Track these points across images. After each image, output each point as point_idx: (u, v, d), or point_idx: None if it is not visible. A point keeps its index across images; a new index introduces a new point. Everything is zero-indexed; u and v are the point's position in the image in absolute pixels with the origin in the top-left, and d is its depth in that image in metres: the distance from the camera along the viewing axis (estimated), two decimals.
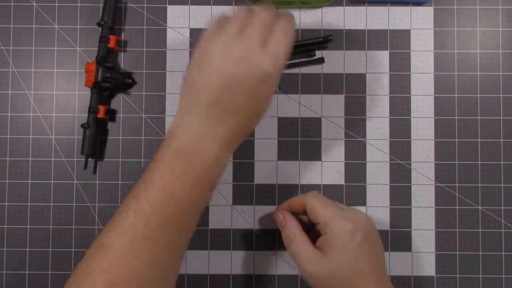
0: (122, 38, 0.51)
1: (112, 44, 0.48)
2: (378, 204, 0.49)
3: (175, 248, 0.35)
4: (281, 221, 0.43)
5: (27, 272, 0.49)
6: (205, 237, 0.49)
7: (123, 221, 0.33)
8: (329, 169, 0.50)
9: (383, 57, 0.50)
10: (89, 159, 0.49)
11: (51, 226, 0.50)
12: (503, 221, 0.49)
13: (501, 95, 0.50)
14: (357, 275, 0.38)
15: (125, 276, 0.32)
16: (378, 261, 0.40)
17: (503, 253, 0.49)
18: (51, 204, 0.50)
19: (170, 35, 0.51)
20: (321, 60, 0.50)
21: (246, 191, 0.50)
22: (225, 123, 0.36)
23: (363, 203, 0.49)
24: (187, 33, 0.51)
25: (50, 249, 0.49)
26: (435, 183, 0.49)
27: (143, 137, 0.50)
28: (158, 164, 0.35)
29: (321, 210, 0.40)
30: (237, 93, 0.35)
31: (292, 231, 0.41)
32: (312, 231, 0.43)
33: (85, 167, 0.49)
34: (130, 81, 0.50)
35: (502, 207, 0.49)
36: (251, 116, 0.37)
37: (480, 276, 0.49)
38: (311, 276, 0.39)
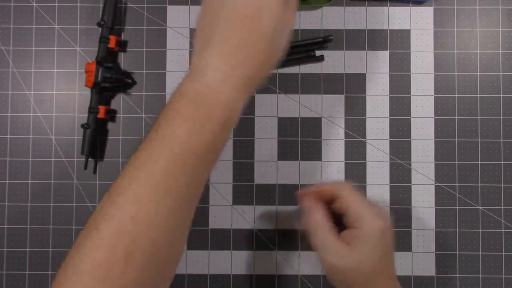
0: (122, 38, 0.51)
1: (112, 44, 0.48)
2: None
3: (193, 191, 0.33)
4: (307, 208, 0.41)
5: (27, 272, 0.49)
6: (205, 237, 0.49)
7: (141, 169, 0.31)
8: (329, 169, 0.50)
9: (383, 57, 0.50)
10: (89, 159, 0.49)
11: (51, 226, 0.50)
12: (503, 221, 0.49)
13: (501, 95, 0.50)
14: (378, 273, 0.38)
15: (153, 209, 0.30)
16: (392, 260, 0.41)
17: (503, 253, 0.49)
18: (51, 204, 0.50)
19: (170, 35, 0.51)
20: (320, 58, 0.50)
21: (246, 191, 0.50)
22: (241, 64, 0.33)
23: None
24: (187, 33, 0.51)
25: (50, 249, 0.49)
26: (435, 183, 0.49)
27: (143, 137, 0.50)
28: (175, 113, 0.32)
29: (356, 204, 0.39)
30: (251, 31, 0.33)
31: (319, 220, 0.40)
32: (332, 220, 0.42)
33: (85, 167, 0.49)
34: (130, 81, 0.50)
35: (502, 207, 0.49)
36: (266, 57, 0.34)
37: (480, 276, 0.49)
38: (333, 268, 0.39)
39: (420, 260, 0.49)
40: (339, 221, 0.41)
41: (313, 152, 0.50)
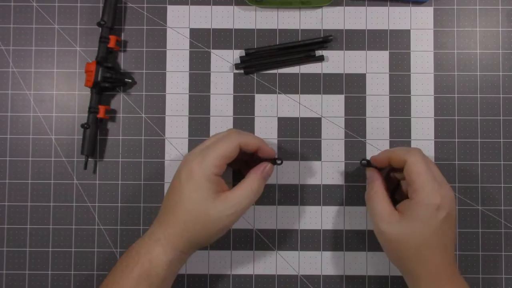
0: (122, 38, 0.51)
1: (112, 44, 0.48)
2: None
3: None
4: (369, 177, 0.44)
5: (27, 272, 0.49)
6: None
7: None
8: (329, 169, 0.50)
9: (383, 57, 0.50)
10: (89, 159, 0.49)
11: (51, 226, 0.50)
12: (503, 221, 0.49)
13: (501, 95, 0.50)
14: (427, 249, 0.39)
15: None
16: (450, 240, 0.40)
17: (503, 253, 0.49)
18: (51, 204, 0.50)
19: (170, 35, 0.51)
20: (320, 58, 0.50)
21: None
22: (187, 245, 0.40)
23: (363, 203, 0.49)
24: (187, 33, 0.51)
25: (50, 249, 0.49)
26: None
27: (143, 137, 0.50)
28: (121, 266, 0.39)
29: (418, 176, 0.39)
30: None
31: (374, 188, 0.42)
32: (399, 190, 0.44)
33: (85, 167, 0.49)
34: (130, 81, 0.50)
35: (502, 207, 0.49)
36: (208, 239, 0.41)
37: (480, 276, 0.49)
38: (382, 234, 0.40)
39: None
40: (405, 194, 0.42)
41: (313, 152, 0.50)
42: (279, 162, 0.43)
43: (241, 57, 0.50)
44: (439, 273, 0.39)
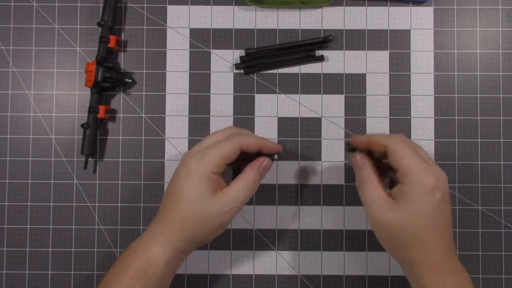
0: (122, 38, 0.51)
1: (112, 44, 0.48)
2: None
3: None
4: (356, 163, 0.41)
5: (27, 272, 0.49)
6: None
7: None
8: (329, 169, 0.50)
9: (383, 57, 0.50)
10: (89, 159, 0.49)
11: (51, 226, 0.50)
12: (503, 221, 0.49)
13: (501, 95, 0.50)
14: (425, 234, 0.37)
15: None
16: (448, 225, 0.39)
17: (503, 253, 0.49)
18: (51, 204, 0.50)
19: (170, 35, 0.51)
20: (320, 58, 0.50)
21: None
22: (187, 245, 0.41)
23: None
24: (187, 33, 0.51)
25: (50, 249, 0.49)
26: None
27: (143, 137, 0.50)
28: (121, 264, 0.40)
29: (404, 159, 0.37)
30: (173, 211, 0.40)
31: (365, 175, 0.40)
32: (388, 175, 0.42)
33: (85, 167, 0.49)
34: (130, 81, 0.50)
35: (502, 207, 0.49)
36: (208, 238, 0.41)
37: (480, 276, 0.49)
38: (377, 222, 0.38)
39: None
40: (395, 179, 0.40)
41: (313, 152, 0.50)
42: (275, 158, 0.43)
43: (241, 57, 0.50)
44: (440, 261, 0.37)
